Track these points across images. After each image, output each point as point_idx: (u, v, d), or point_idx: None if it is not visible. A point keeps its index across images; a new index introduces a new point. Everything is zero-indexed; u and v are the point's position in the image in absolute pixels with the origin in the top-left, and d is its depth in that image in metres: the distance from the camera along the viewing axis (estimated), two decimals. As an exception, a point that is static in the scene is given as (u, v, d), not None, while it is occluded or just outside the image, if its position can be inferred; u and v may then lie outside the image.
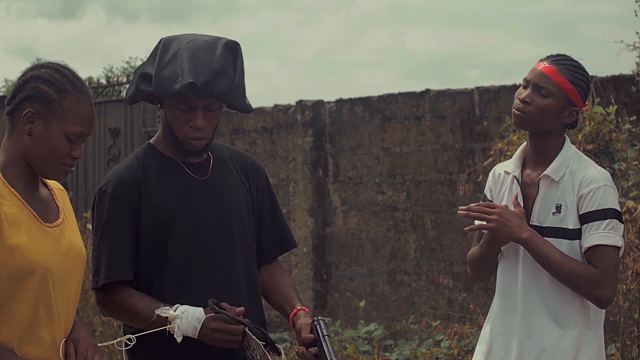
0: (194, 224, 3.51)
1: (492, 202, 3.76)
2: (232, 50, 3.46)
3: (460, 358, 6.90)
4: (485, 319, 3.80)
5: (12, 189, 2.96)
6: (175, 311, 3.34)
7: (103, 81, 12.55)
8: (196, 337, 3.32)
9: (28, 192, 3.02)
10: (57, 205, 3.14)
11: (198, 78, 3.36)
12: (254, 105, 10.18)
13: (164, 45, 3.50)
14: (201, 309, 3.34)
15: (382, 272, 8.50)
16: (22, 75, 3.04)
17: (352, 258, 8.74)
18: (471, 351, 6.76)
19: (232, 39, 3.50)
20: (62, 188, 3.27)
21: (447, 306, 7.93)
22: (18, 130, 3.00)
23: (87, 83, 3.18)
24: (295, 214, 9.11)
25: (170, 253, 3.49)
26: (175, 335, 3.33)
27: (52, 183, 3.22)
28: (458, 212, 3.61)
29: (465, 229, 3.68)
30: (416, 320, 7.95)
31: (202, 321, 3.32)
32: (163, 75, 3.41)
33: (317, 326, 3.53)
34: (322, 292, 8.96)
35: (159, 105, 3.54)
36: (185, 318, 3.34)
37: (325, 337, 3.48)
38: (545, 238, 3.54)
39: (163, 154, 3.58)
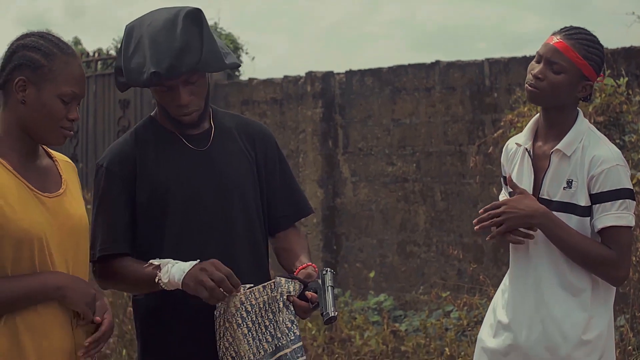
0: (191, 195, 3.51)
1: (507, 177, 3.76)
2: (195, 20, 3.41)
3: (469, 329, 6.92)
4: (494, 290, 3.81)
5: (3, 162, 2.98)
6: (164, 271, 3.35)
7: (113, 52, 12.51)
8: (180, 284, 3.30)
9: (24, 162, 3.05)
10: (61, 176, 3.16)
11: (160, 64, 3.34)
12: (262, 77, 10.15)
13: (127, 35, 3.49)
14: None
15: (391, 243, 8.52)
16: (8, 47, 3.08)
17: (362, 229, 8.76)
18: (481, 322, 6.77)
19: (193, 7, 3.45)
20: (69, 160, 3.29)
21: (457, 277, 7.95)
22: (11, 100, 3.03)
23: (96, 54, 3.20)
24: (305, 185, 9.12)
25: (167, 225, 3.50)
26: (161, 278, 3.34)
27: (57, 155, 3.24)
28: (475, 228, 3.63)
29: (487, 239, 3.68)
30: (426, 291, 7.97)
31: (193, 265, 3.33)
32: (131, 67, 3.42)
33: (325, 275, 3.49)
34: (331, 263, 8.98)
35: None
36: (177, 265, 3.35)
37: (329, 287, 3.46)
38: (554, 212, 3.54)
39: (162, 127, 3.59)
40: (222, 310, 3.42)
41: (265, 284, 3.40)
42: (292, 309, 3.42)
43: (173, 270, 3.33)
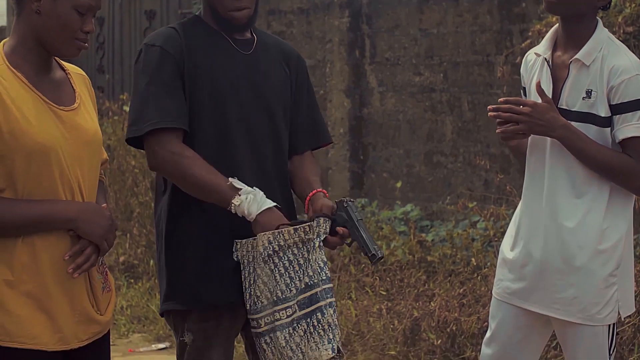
0: (230, 92, 3.53)
1: (526, 88, 3.75)
2: None
3: (496, 239, 6.95)
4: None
5: (17, 73, 2.96)
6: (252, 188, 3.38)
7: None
8: (252, 218, 3.36)
9: (37, 74, 3.03)
10: (74, 89, 3.14)
11: None
12: (290, -14, 10.01)
13: None
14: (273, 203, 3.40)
15: (418, 153, 8.51)
16: None
17: (389, 139, 8.75)
18: (506, 233, 6.80)
19: None
20: (82, 72, 3.27)
21: (484, 187, 7.95)
22: (26, 10, 2.99)
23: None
24: (332, 95, 9.10)
25: (203, 119, 3.51)
26: (235, 204, 3.37)
27: (70, 67, 3.22)
28: (489, 114, 3.58)
29: (497, 131, 3.63)
30: (452, 201, 7.98)
31: (271, 206, 3.38)
32: None
33: (348, 208, 3.50)
34: (358, 173, 8.99)
35: None
36: (256, 197, 3.37)
37: (359, 221, 3.48)
38: (573, 122, 3.53)
39: (209, 25, 3.60)
40: (250, 258, 3.45)
41: (298, 226, 3.40)
42: (323, 250, 3.43)
43: (252, 202, 3.36)
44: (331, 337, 3.36)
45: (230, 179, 3.40)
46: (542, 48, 3.68)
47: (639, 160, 3.49)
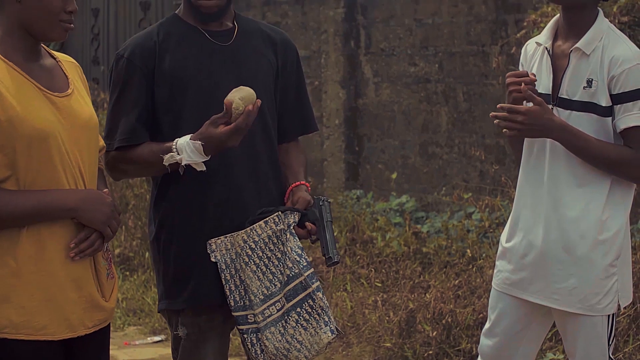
0: (210, 89, 3.52)
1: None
2: None
3: (491, 230, 6.94)
4: (516, 192, 3.82)
5: (8, 62, 2.96)
6: (176, 150, 3.37)
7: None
8: (204, 150, 3.34)
9: (28, 62, 3.02)
10: (67, 76, 3.14)
11: None
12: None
13: None
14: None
15: (413, 144, 8.50)
16: None
17: (384, 130, 8.73)
18: (502, 224, 6.79)
19: None
20: (72, 60, 3.27)
21: (479, 178, 7.94)
22: (7, 1, 2.98)
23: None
24: (327, 85, 9.08)
25: (184, 118, 3.51)
26: (181, 165, 3.38)
27: (60, 55, 3.22)
28: (494, 122, 3.62)
29: (503, 131, 3.67)
30: (448, 192, 7.97)
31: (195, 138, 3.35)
32: None
33: (322, 207, 3.54)
34: (353, 164, 8.98)
35: None
36: (183, 150, 3.35)
37: (328, 223, 3.51)
38: (574, 112, 3.53)
39: (186, 22, 3.60)
40: (228, 260, 3.46)
41: (267, 218, 3.44)
42: (297, 237, 3.47)
43: (188, 158, 3.35)
44: (327, 319, 3.44)
45: (164, 160, 3.40)
46: (543, 37, 3.68)
47: (639, 150, 3.49)
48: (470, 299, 6.15)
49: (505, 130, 3.63)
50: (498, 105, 3.62)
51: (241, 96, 3.26)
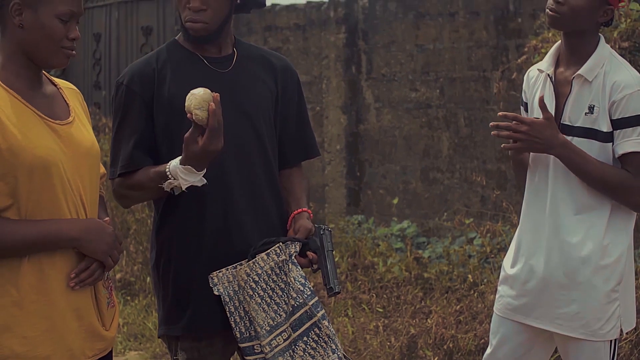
0: None
1: (528, 104, 3.75)
2: None
3: (492, 256, 6.93)
4: (517, 217, 3.84)
5: (9, 90, 2.95)
6: (171, 176, 3.36)
7: (135, -22, 12.47)
8: (198, 169, 3.33)
9: (30, 89, 3.01)
10: (67, 103, 3.13)
11: None
12: (286, 3, 10.04)
13: None
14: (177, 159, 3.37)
15: (415, 169, 8.50)
16: None
17: (385, 155, 8.74)
18: (504, 249, 6.79)
19: None
20: (73, 87, 3.26)
21: (480, 204, 7.94)
22: (9, 26, 2.97)
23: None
24: (329, 111, 9.10)
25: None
26: (182, 189, 3.38)
27: (61, 82, 3.21)
28: (491, 132, 3.62)
29: (502, 146, 3.68)
30: (449, 217, 7.97)
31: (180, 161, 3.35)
32: None
33: (323, 236, 3.54)
34: (355, 190, 8.98)
35: None
36: (177, 176, 3.35)
37: (329, 252, 3.51)
38: (575, 138, 3.54)
39: (184, 48, 3.60)
40: (231, 292, 3.46)
41: (269, 250, 3.44)
42: (299, 266, 3.47)
43: (185, 183, 3.35)
44: (334, 347, 3.43)
45: (165, 188, 3.40)
46: (545, 64, 3.69)
47: (637, 176, 3.49)
48: (471, 325, 6.14)
49: (503, 145, 3.63)
50: (500, 114, 3.61)
51: (196, 105, 3.23)
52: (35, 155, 2.90)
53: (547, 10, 3.57)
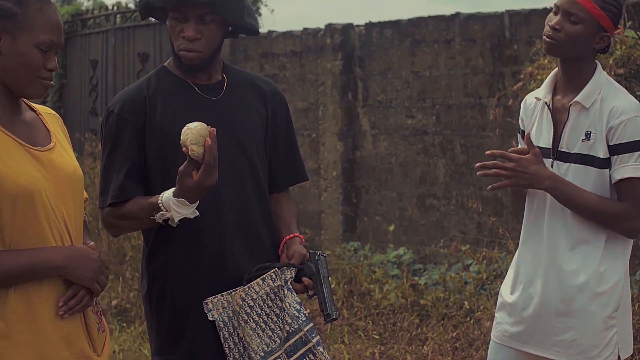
0: None
1: (525, 132, 3.76)
2: None
3: (489, 282, 6.93)
4: (514, 244, 3.83)
5: None
6: (164, 208, 3.35)
7: (132, 6, 12.48)
8: (191, 202, 3.31)
9: (9, 117, 2.96)
10: (48, 129, 3.09)
11: None
12: (282, 29, 10.10)
13: None
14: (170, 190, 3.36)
15: (411, 196, 8.51)
16: None
17: (382, 182, 8.75)
18: (500, 276, 6.78)
19: None
20: (53, 112, 3.21)
21: (477, 230, 7.93)
22: None
23: (115, 7, 3.15)
24: (325, 138, 9.10)
25: (174, 173, 3.49)
26: (176, 221, 3.36)
27: (40, 108, 3.17)
28: (477, 172, 3.62)
29: (488, 188, 3.69)
30: (445, 244, 7.97)
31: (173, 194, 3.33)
32: None
33: (319, 262, 3.54)
34: (351, 216, 8.98)
35: (166, 22, 3.56)
36: (170, 208, 3.34)
37: (325, 278, 3.50)
38: (572, 164, 3.55)
39: (175, 75, 3.59)
40: (226, 318, 3.45)
41: (264, 275, 3.43)
42: (294, 292, 3.46)
43: (177, 215, 3.33)
44: None
45: (157, 219, 3.39)
46: (542, 92, 3.70)
47: (632, 201, 3.50)
48: (468, 352, 6.13)
49: (490, 186, 3.64)
50: (487, 152, 3.63)
51: (192, 140, 3.22)
52: (17, 184, 2.85)
53: (544, 36, 3.59)
